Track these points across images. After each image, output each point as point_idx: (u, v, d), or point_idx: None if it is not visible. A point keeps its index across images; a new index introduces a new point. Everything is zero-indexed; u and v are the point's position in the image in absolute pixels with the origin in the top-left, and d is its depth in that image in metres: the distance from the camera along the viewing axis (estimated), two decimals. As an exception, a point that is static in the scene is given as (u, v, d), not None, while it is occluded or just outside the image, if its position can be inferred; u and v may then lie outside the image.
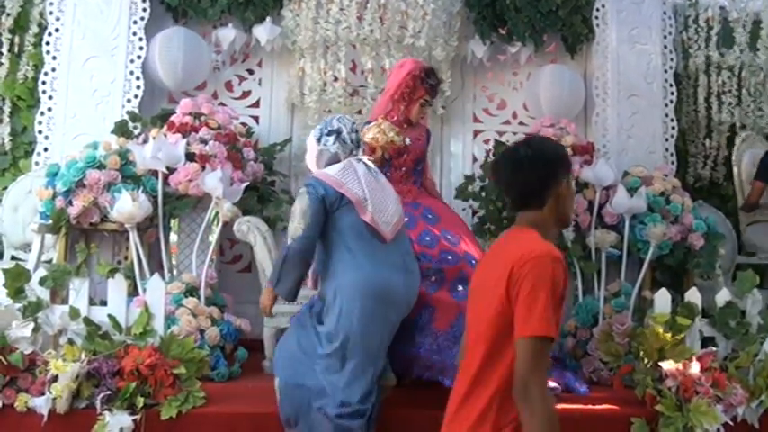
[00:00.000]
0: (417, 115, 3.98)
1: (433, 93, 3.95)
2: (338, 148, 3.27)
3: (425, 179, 4.15)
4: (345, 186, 3.15)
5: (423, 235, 3.72)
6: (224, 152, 4.47)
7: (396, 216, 3.24)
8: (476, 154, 5.48)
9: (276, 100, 5.28)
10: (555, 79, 5.23)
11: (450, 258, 3.59)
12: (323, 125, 3.33)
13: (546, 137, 4.00)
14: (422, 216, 3.85)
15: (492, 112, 5.58)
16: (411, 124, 4.04)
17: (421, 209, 3.90)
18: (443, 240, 3.69)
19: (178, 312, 3.92)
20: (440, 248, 3.62)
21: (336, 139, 3.27)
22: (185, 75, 4.88)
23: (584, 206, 4.72)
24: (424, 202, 3.96)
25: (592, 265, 4.57)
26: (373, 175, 3.27)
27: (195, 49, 4.89)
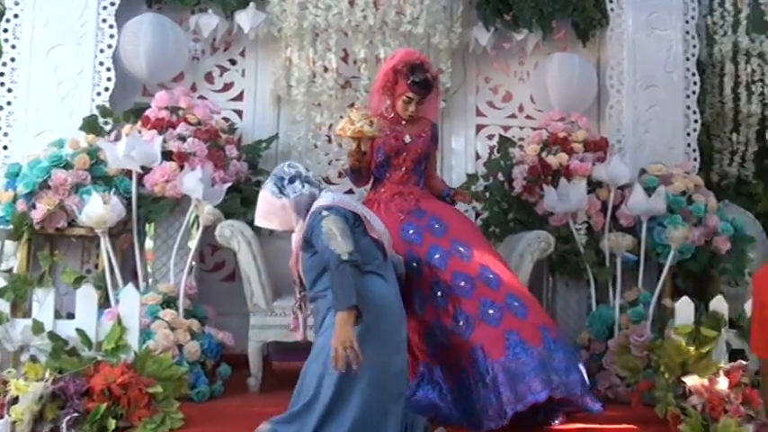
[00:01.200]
0: (404, 112, 3.96)
1: (418, 91, 3.90)
2: (310, 188, 3.30)
3: (430, 178, 4.13)
4: (353, 207, 3.23)
5: (432, 252, 3.68)
6: (204, 150, 4.47)
7: (386, 235, 3.33)
8: (479, 150, 5.48)
9: (261, 93, 5.27)
10: (565, 69, 5.22)
11: (464, 285, 3.55)
12: (276, 180, 3.31)
13: None
14: (428, 227, 3.81)
15: (496, 104, 5.58)
16: (411, 118, 4.03)
17: (426, 218, 3.86)
18: (455, 256, 3.66)
19: (154, 326, 3.92)
20: (451, 271, 3.59)
21: (303, 181, 3.30)
22: (161, 65, 4.86)
23: (597, 207, 4.74)
24: (428, 209, 3.92)
25: (606, 272, 4.58)
26: (354, 200, 3.37)
27: (172, 37, 4.87)
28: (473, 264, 3.64)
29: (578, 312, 4.81)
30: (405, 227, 3.80)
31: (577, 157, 4.81)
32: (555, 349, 3.40)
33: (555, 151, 4.86)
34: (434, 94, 4.05)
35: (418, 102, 3.93)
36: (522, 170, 4.79)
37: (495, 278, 3.59)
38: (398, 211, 3.86)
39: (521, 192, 4.79)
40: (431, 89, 3.93)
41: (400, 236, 3.73)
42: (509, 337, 3.37)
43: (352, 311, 2.83)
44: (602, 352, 4.36)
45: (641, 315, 4.37)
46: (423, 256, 3.67)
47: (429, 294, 3.59)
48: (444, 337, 3.51)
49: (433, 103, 4.15)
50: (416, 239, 3.74)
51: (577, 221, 4.73)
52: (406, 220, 3.84)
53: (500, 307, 3.47)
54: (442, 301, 3.55)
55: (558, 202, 4.60)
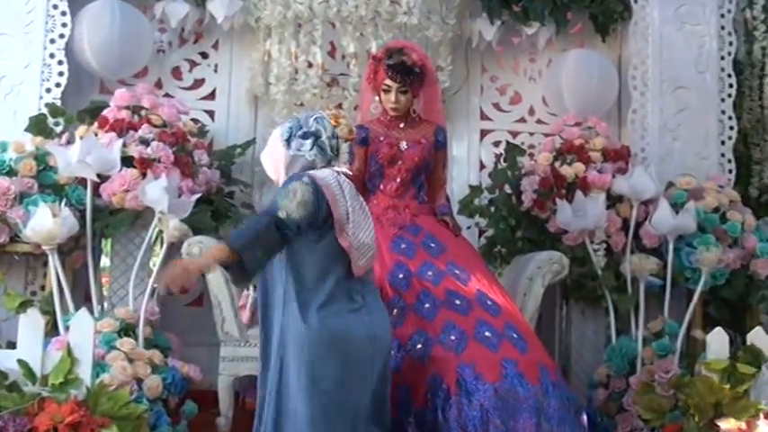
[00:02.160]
0: (388, 105, 4.02)
1: (393, 76, 3.94)
2: (316, 155, 3.24)
3: (434, 192, 4.16)
4: (336, 200, 3.15)
5: (424, 268, 3.72)
6: (170, 155, 4.46)
7: (372, 249, 3.24)
8: (483, 159, 5.50)
9: (236, 91, 5.28)
10: (582, 67, 5.24)
11: (460, 304, 3.59)
12: (294, 124, 3.30)
13: None
14: (423, 245, 3.86)
15: (503, 107, 5.60)
16: (412, 121, 4.06)
17: (422, 235, 3.91)
18: (451, 277, 3.70)
19: (109, 357, 3.88)
20: (445, 288, 3.63)
21: (314, 143, 3.24)
22: (121, 59, 4.85)
23: (617, 225, 4.75)
24: (425, 226, 3.97)
25: (628, 299, 4.58)
26: (356, 194, 3.29)
27: (134, 26, 4.87)
28: (470, 287, 3.67)
29: (595, 344, 4.81)
30: (397, 240, 3.85)
31: (595, 168, 4.82)
32: (552, 394, 3.41)
33: (570, 161, 4.87)
34: (428, 85, 4.07)
35: (401, 90, 3.97)
36: (533, 182, 4.80)
37: (494, 305, 3.62)
38: (391, 225, 3.89)
39: (530, 206, 4.79)
40: (411, 74, 3.95)
41: (390, 248, 3.77)
42: (506, 366, 3.38)
43: (227, 253, 3.01)
44: (622, 390, 4.35)
45: (668, 348, 4.36)
46: (413, 269, 3.69)
47: (413, 304, 3.60)
48: (426, 348, 3.48)
49: (431, 98, 4.19)
50: (408, 252, 3.77)
51: (595, 241, 4.70)
52: (398, 235, 3.89)
53: (498, 334, 3.49)
54: (429, 313, 3.56)
55: (572, 219, 4.59)
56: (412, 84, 3.99)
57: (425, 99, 4.18)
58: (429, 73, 4.09)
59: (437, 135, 4.14)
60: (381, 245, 3.58)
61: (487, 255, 4.80)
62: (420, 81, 4.02)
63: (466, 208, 4.93)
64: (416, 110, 4.14)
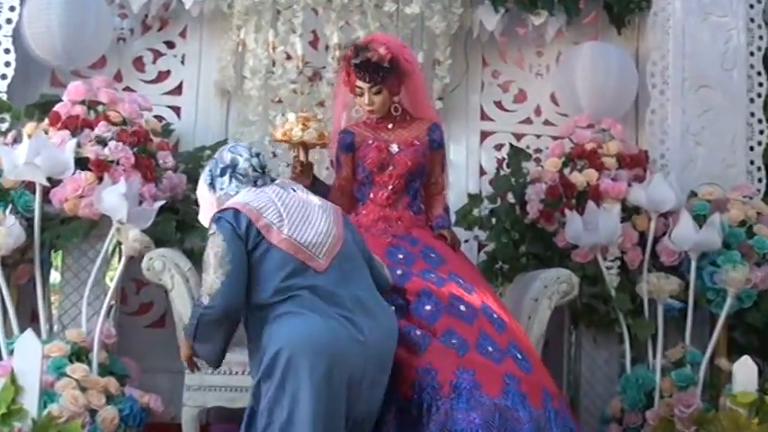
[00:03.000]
0: (364, 108, 4.06)
1: (361, 75, 3.97)
2: (237, 186, 3.34)
3: (432, 200, 4.16)
4: (259, 213, 3.19)
5: (424, 273, 3.70)
6: (130, 157, 4.45)
7: (330, 237, 3.26)
8: (483, 164, 5.51)
9: (205, 85, 5.27)
10: (595, 62, 5.23)
11: (465, 311, 3.56)
12: (212, 164, 3.43)
13: None
14: (421, 254, 3.85)
15: (507, 106, 5.60)
16: (402, 120, 4.07)
17: (419, 246, 3.90)
18: (454, 284, 3.68)
19: (59, 385, 3.87)
20: (449, 291, 3.62)
21: (232, 175, 3.35)
22: (76, 47, 4.79)
23: (633, 239, 4.77)
24: (421, 238, 3.95)
25: (644, 324, 4.61)
26: (288, 191, 3.35)
27: (91, 11, 4.81)
28: (474, 298, 3.65)
29: (608, 374, 4.81)
30: (392, 250, 3.83)
31: (609, 175, 4.83)
32: (555, 422, 3.38)
33: (581, 167, 4.89)
34: (407, 78, 4.06)
35: (373, 91, 3.98)
36: (539, 190, 4.81)
37: (500, 320, 3.61)
38: (384, 233, 3.90)
39: (536, 218, 4.80)
40: (380, 71, 3.96)
41: (385, 255, 3.75)
42: (509, 382, 3.36)
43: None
44: (638, 425, 4.36)
45: (689, 379, 4.38)
46: (413, 270, 3.69)
47: (412, 303, 3.57)
48: (424, 339, 3.45)
49: (414, 92, 4.17)
50: (406, 262, 3.76)
51: (608, 258, 4.72)
52: (393, 244, 3.88)
53: (501, 350, 3.48)
54: (430, 316, 3.52)
55: (583, 233, 4.60)
56: (384, 81, 3.98)
57: (408, 94, 4.17)
58: (404, 64, 4.04)
59: (431, 133, 4.12)
60: (375, 252, 3.55)
61: (488, 272, 4.81)
62: (395, 76, 4.00)
63: (464, 219, 4.93)
64: (401, 107, 4.12)
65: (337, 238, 3.27)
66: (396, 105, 4.09)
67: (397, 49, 4.06)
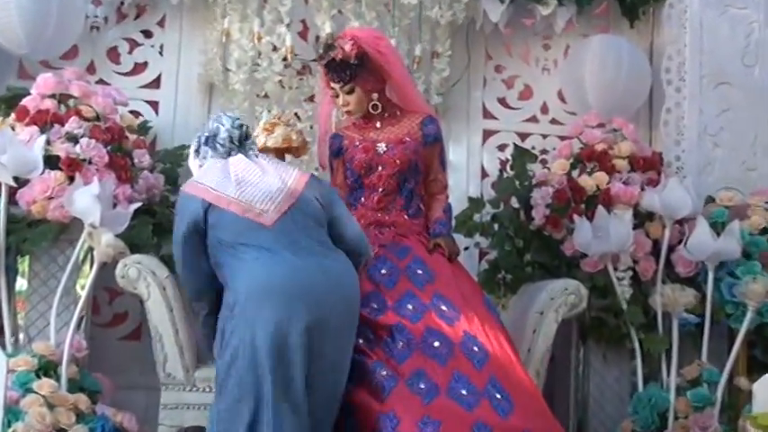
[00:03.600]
0: (342, 110, 4.11)
1: (330, 76, 4.02)
2: (213, 156, 3.72)
3: (432, 200, 4.16)
4: (213, 186, 3.57)
5: (404, 301, 3.71)
6: (104, 156, 4.45)
7: (281, 194, 3.56)
8: (486, 166, 5.53)
9: (186, 78, 5.28)
10: (606, 57, 5.24)
11: (439, 347, 3.57)
12: (200, 133, 3.79)
13: None
14: (407, 271, 3.85)
15: (511, 103, 5.63)
16: (391, 117, 4.08)
17: (408, 258, 3.90)
18: (434, 313, 3.68)
19: (25, 402, 3.86)
20: (425, 325, 3.62)
21: (212, 145, 3.72)
22: (41, 36, 4.75)
23: (646, 248, 4.77)
24: (414, 247, 3.95)
25: (658, 339, 4.62)
26: (251, 157, 3.69)
27: (62, -3, 4.83)
28: (457, 328, 3.65)
29: (619, 393, 4.82)
30: (377, 264, 3.84)
31: (621, 179, 4.83)
32: None
33: (590, 169, 4.89)
34: (384, 71, 4.05)
35: (345, 91, 4.02)
36: (545, 194, 4.81)
37: (482, 353, 3.60)
38: (372, 242, 3.88)
39: (542, 224, 4.81)
40: (347, 68, 3.98)
41: (368, 273, 3.78)
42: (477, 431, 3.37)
43: None
44: (651, 449, 4.38)
45: (706, 399, 4.39)
46: (390, 302, 3.69)
47: (384, 339, 3.60)
48: (390, 380, 3.50)
49: (398, 85, 4.16)
50: (387, 282, 3.78)
51: (619, 267, 4.71)
52: (380, 255, 3.89)
53: (477, 392, 3.48)
54: (401, 355, 3.55)
55: (593, 241, 4.60)
56: (354, 79, 4.00)
57: (394, 88, 4.18)
58: (376, 58, 4.04)
59: (424, 127, 4.12)
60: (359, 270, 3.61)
61: (489, 282, 4.84)
62: (367, 72, 4.01)
63: (464, 225, 4.92)
64: (383, 103, 4.13)
65: (290, 195, 3.55)
66: (375, 103, 4.09)
67: (367, 41, 4.05)
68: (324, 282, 3.41)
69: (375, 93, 4.08)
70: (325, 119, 4.38)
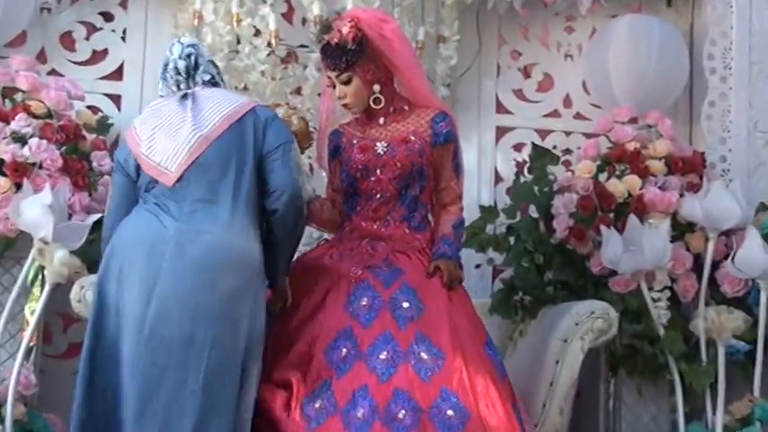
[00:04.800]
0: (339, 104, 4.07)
1: (328, 63, 3.98)
2: (163, 89, 3.89)
3: (442, 212, 4.09)
4: (140, 136, 3.78)
5: (378, 345, 3.63)
6: (57, 159, 4.48)
7: (187, 145, 3.67)
8: (500, 168, 5.56)
9: (152, 68, 5.13)
10: (638, 40, 5.26)
11: (403, 418, 3.48)
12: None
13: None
14: (391, 303, 3.74)
15: (529, 95, 5.65)
16: (397, 112, 4.03)
17: (396, 286, 3.80)
18: (410, 365, 3.60)
19: (-36, 447, 3.90)
20: (394, 387, 3.54)
21: (164, 76, 3.89)
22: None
23: (687, 264, 4.77)
24: (406, 270, 3.86)
25: (701, 371, 4.62)
26: (189, 99, 3.80)
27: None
28: (432, 385, 3.56)
29: (652, 429, 4.83)
30: (357, 292, 3.77)
31: (656, 183, 4.82)
32: None
33: (621, 172, 4.88)
34: (387, 58, 3.97)
35: (341, 80, 3.97)
36: (568, 202, 4.81)
37: (459, 417, 3.51)
38: (354, 266, 3.83)
39: (565, 237, 4.80)
40: (345, 54, 3.93)
41: (345, 305, 3.73)
42: None
43: None
44: (695, 497, 4.42)
45: (758, 439, 4.41)
46: (363, 347, 3.62)
47: (343, 408, 3.55)
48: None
49: (405, 74, 4.08)
50: (365, 318, 3.69)
51: (655, 287, 4.68)
52: (362, 279, 3.81)
53: None
54: (360, 428, 3.48)
55: (624, 256, 4.55)
56: (352, 67, 3.93)
57: (398, 79, 4.10)
58: (378, 43, 3.96)
59: (435, 125, 4.03)
60: (337, 296, 3.64)
61: (504, 305, 4.80)
62: (367, 59, 3.94)
63: (474, 238, 4.88)
64: (387, 97, 4.05)
65: (198, 147, 3.66)
66: (377, 96, 4.01)
67: (369, 24, 3.98)
68: (179, 256, 3.51)
69: (377, 84, 4.00)
70: (325, 113, 4.30)
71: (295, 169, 3.71)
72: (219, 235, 3.56)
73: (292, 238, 3.75)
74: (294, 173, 3.69)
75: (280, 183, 3.65)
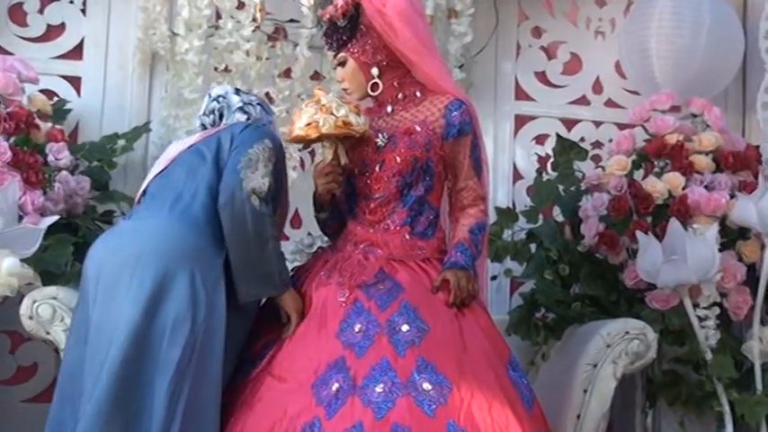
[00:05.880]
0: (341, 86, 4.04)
1: (326, 41, 3.97)
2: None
3: (457, 216, 3.98)
4: None
5: (374, 376, 3.53)
6: (6, 152, 4.46)
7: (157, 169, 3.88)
8: (519, 164, 5.61)
9: (118, 45, 5.31)
10: (682, 15, 5.27)
11: None
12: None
13: None
14: (388, 327, 3.64)
15: (553, 78, 5.69)
16: (407, 100, 3.94)
17: (395, 306, 3.69)
18: (411, 397, 3.50)
19: None
20: (391, 423, 3.45)
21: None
22: None
23: (739, 276, 4.72)
24: (407, 287, 3.76)
25: (755, 401, 4.61)
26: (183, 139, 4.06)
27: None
28: (438, 419, 3.46)
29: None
30: (350, 316, 3.66)
31: (702, 182, 4.78)
32: None
33: (660, 169, 4.87)
34: (387, 35, 3.88)
35: (337, 61, 3.96)
36: (599, 203, 4.81)
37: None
38: (340, 288, 3.73)
39: (594, 244, 4.78)
40: (334, 33, 3.92)
41: (337, 332, 3.62)
42: None
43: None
44: None
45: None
46: (358, 380, 3.52)
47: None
48: None
49: (414, 56, 3.96)
50: (359, 347, 3.58)
51: (701, 303, 4.62)
52: (356, 301, 3.70)
53: None
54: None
55: (664, 267, 4.49)
56: (345, 45, 3.90)
57: (405, 62, 3.99)
58: (375, 18, 3.89)
59: (448, 114, 3.91)
60: (328, 325, 3.57)
61: (524, 324, 4.77)
62: (362, 38, 3.89)
63: (490, 245, 4.76)
64: (387, 83, 3.97)
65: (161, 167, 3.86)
66: (375, 81, 3.95)
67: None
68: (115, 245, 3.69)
69: (375, 67, 3.94)
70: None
71: (244, 161, 3.70)
72: (147, 225, 3.78)
73: (238, 237, 3.66)
74: (239, 165, 3.70)
75: (225, 181, 3.70)
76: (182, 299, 3.51)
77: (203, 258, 3.60)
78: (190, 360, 3.47)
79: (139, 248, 3.59)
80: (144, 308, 3.48)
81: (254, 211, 3.62)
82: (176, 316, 3.48)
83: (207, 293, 3.55)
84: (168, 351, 3.46)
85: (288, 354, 3.67)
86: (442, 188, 3.97)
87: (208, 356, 3.52)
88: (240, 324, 3.71)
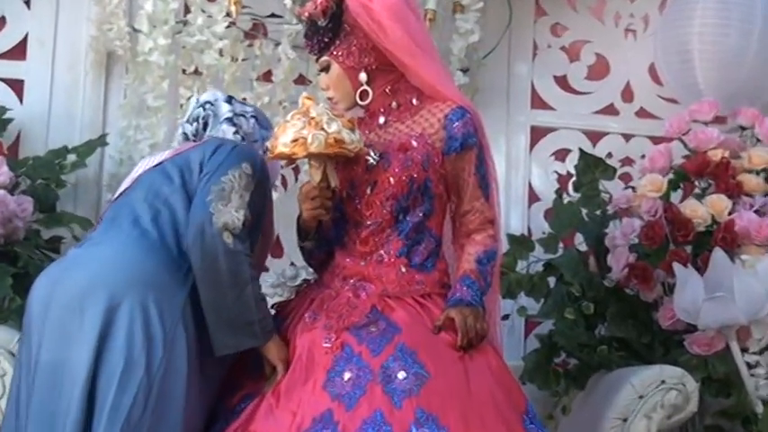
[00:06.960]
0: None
1: (309, 42, 3.88)
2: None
3: (461, 243, 3.87)
4: None
5: (372, 424, 3.45)
6: None
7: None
8: (535, 183, 5.64)
9: (69, 44, 5.33)
10: (727, 10, 5.27)
11: None
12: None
13: None
14: (381, 375, 3.55)
15: (575, 84, 5.71)
16: (402, 109, 3.83)
17: (389, 349, 3.59)
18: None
19: None
20: None
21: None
22: None
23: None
24: (404, 327, 3.64)
25: None
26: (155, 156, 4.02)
27: None
28: None
29: None
30: (338, 364, 3.57)
31: (752, 206, 4.71)
32: None
33: (702, 190, 4.83)
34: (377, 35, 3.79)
35: (320, 66, 3.88)
36: (629, 230, 4.75)
37: None
38: (326, 332, 3.63)
39: (624, 278, 4.72)
40: (315, 35, 3.84)
41: (324, 384, 3.52)
42: None
43: None
44: None
45: None
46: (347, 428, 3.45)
47: None
48: None
49: (405, 63, 3.85)
50: (349, 398, 3.48)
51: (751, 347, 4.54)
52: (345, 346, 3.61)
53: None
54: None
55: (706, 305, 4.37)
56: (329, 47, 3.83)
57: (397, 66, 3.91)
58: (360, 17, 3.80)
59: (449, 124, 3.81)
60: (314, 376, 3.44)
61: (541, 371, 4.75)
62: (347, 39, 3.82)
63: (501, 278, 4.62)
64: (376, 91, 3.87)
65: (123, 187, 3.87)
66: (364, 89, 3.86)
67: None
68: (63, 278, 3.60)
69: (362, 72, 3.84)
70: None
71: (215, 192, 3.63)
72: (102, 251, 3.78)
73: (210, 280, 3.56)
74: (209, 196, 3.63)
75: (193, 213, 3.66)
76: (132, 334, 3.40)
77: (162, 287, 3.50)
78: (145, 407, 3.34)
79: (88, 279, 3.51)
80: (95, 347, 3.41)
81: (226, 249, 3.52)
82: (128, 355, 3.36)
83: (165, 328, 3.44)
84: (118, 396, 3.34)
85: (268, 410, 3.55)
86: (443, 212, 3.87)
87: (167, 404, 3.40)
88: (213, 369, 3.58)
